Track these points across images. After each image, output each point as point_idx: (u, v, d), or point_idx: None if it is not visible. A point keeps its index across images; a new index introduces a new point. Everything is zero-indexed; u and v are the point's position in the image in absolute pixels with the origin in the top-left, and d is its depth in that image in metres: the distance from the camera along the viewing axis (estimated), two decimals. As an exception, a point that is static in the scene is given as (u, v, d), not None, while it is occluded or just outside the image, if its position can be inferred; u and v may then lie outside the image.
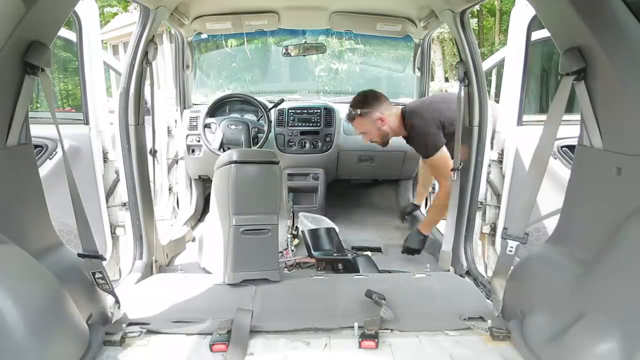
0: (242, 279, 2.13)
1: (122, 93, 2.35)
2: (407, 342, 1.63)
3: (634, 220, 1.30)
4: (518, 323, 1.61)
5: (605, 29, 1.38)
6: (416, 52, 3.67)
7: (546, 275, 1.62)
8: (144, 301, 1.96)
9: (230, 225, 2.18)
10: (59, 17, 1.58)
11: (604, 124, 1.47)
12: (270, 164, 2.26)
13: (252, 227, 2.18)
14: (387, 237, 3.47)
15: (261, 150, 2.89)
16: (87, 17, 2.47)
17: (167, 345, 1.63)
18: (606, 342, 1.23)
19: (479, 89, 2.43)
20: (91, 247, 1.69)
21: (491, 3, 14.41)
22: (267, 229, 2.20)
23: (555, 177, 2.36)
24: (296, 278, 2.32)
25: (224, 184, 2.21)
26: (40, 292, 1.37)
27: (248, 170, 2.20)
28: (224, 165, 2.23)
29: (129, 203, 2.47)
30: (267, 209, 2.22)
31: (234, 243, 2.16)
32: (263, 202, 2.22)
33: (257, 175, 2.22)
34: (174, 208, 3.91)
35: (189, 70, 3.66)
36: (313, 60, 4.84)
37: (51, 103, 1.69)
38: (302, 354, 1.58)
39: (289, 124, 3.59)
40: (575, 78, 1.50)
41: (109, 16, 16.36)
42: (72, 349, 1.41)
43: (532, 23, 2.54)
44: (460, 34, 2.41)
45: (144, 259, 2.48)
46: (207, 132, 3.38)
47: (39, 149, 2.40)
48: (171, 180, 3.86)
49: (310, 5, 3.04)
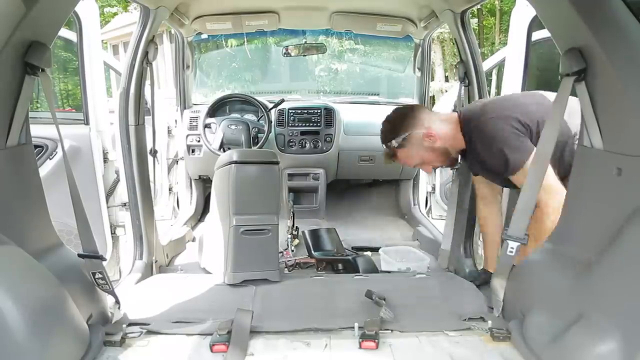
0: (242, 279, 2.13)
1: (122, 93, 2.35)
2: (407, 342, 1.63)
3: (634, 220, 1.30)
4: (518, 323, 1.60)
5: (605, 29, 1.38)
6: (416, 52, 3.67)
7: (546, 275, 1.62)
8: (144, 301, 1.96)
9: (231, 226, 2.18)
10: (59, 17, 1.58)
11: (604, 124, 1.46)
12: (271, 164, 2.26)
13: (252, 227, 2.18)
14: (387, 237, 3.47)
15: (261, 150, 2.88)
16: (87, 17, 2.48)
17: (167, 345, 1.62)
18: (606, 342, 1.23)
19: (479, 89, 2.43)
20: (91, 247, 1.69)
21: (491, 3, 14.39)
22: (268, 229, 2.20)
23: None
24: (296, 278, 2.31)
25: (224, 184, 2.21)
26: (40, 292, 1.37)
27: (248, 171, 2.20)
28: (224, 165, 2.23)
29: (129, 203, 2.47)
30: (267, 209, 2.22)
31: (234, 243, 2.16)
32: (263, 202, 2.22)
33: (257, 176, 2.21)
34: (174, 208, 3.92)
35: (189, 70, 3.66)
36: (313, 60, 4.84)
37: (51, 103, 1.69)
38: (302, 354, 1.58)
39: (289, 124, 3.59)
40: (575, 78, 1.50)
41: (109, 16, 16.35)
42: (72, 349, 1.41)
43: (532, 23, 2.55)
44: (461, 34, 2.41)
45: (144, 259, 2.48)
46: (207, 132, 3.38)
47: (39, 149, 2.40)
48: (171, 180, 3.87)
49: (310, 5, 3.04)
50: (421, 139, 2.10)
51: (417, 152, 2.15)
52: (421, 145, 2.11)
